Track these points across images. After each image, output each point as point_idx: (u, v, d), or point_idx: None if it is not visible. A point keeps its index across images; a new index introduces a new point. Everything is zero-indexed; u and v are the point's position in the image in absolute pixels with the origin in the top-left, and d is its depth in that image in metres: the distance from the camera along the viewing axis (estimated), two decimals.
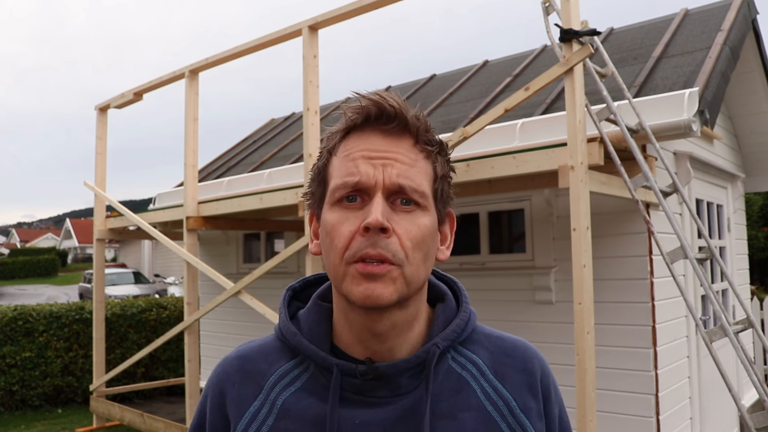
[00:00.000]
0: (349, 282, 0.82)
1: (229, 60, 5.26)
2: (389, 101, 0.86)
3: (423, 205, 0.85)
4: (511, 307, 4.51)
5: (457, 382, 0.89)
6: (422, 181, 0.85)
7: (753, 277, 11.86)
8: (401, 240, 0.82)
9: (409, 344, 0.89)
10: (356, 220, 0.82)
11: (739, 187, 6.14)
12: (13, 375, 7.77)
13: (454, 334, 0.90)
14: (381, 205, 0.81)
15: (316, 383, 0.89)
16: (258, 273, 4.83)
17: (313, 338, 0.90)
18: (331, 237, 0.84)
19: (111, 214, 6.92)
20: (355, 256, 0.81)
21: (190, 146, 5.56)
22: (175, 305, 9.06)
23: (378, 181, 0.82)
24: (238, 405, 0.90)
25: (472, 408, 0.87)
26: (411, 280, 0.83)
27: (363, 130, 0.86)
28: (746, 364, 3.11)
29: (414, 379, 0.88)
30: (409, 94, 7.07)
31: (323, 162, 0.89)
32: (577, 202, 3.10)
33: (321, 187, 0.89)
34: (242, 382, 0.92)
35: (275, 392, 0.89)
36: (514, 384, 0.91)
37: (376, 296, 0.80)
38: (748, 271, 6.49)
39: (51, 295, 27.07)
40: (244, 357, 0.94)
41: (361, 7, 4.19)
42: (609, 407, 3.98)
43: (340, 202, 0.84)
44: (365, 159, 0.83)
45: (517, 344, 0.96)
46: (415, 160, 0.85)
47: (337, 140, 0.88)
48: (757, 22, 5.35)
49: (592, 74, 3.48)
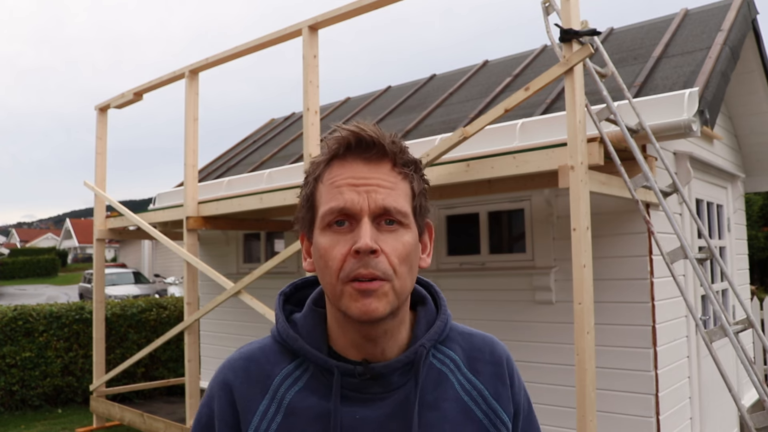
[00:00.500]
0: (346, 300, 0.91)
1: (229, 60, 5.26)
2: (367, 132, 0.93)
3: (405, 224, 0.94)
4: (511, 307, 4.51)
5: (438, 377, 1.01)
6: (403, 202, 0.94)
7: (753, 277, 11.86)
8: (389, 258, 0.91)
9: (398, 345, 0.99)
10: (347, 243, 0.91)
11: (739, 187, 6.13)
12: (13, 375, 7.77)
13: (437, 335, 1.02)
14: (369, 230, 0.90)
15: (317, 383, 0.98)
16: (258, 273, 4.83)
17: (313, 342, 0.99)
18: (324, 259, 0.93)
19: (111, 214, 6.93)
20: (349, 276, 0.90)
21: (190, 146, 5.56)
22: (175, 305, 9.06)
23: (363, 207, 0.91)
24: (248, 403, 0.98)
25: (451, 399, 1.00)
26: (400, 292, 0.93)
27: (345, 159, 0.95)
28: (746, 364, 3.11)
29: (403, 376, 0.99)
30: (409, 94, 7.07)
31: (310, 189, 0.98)
32: (577, 202, 3.10)
33: (310, 212, 0.98)
34: (249, 382, 0.99)
35: (281, 392, 0.98)
36: (486, 375, 1.04)
37: (372, 311, 0.90)
38: (748, 271, 6.49)
39: (51, 295, 27.07)
40: (248, 358, 1.02)
41: (361, 7, 4.19)
42: (609, 407, 3.98)
43: (330, 227, 0.93)
44: (350, 186, 0.93)
45: (485, 340, 1.09)
46: (395, 183, 0.94)
47: (322, 168, 0.97)
48: (757, 22, 5.35)
49: (592, 74, 3.48)
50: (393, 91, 7.77)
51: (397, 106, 6.83)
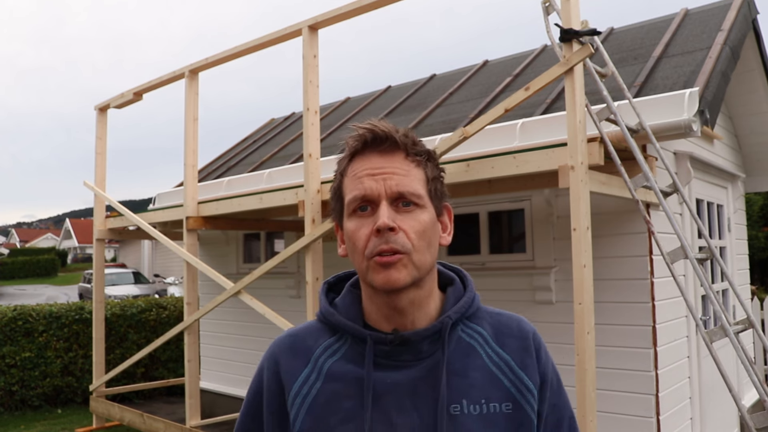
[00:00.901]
0: (371, 273, 1.04)
1: (228, 60, 5.26)
2: (380, 127, 1.07)
3: (420, 204, 1.06)
4: (511, 307, 4.49)
5: (467, 348, 1.11)
6: (416, 185, 1.06)
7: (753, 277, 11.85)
8: (407, 234, 1.03)
9: (427, 318, 1.10)
10: (369, 224, 1.04)
11: (740, 187, 6.13)
12: (12, 375, 7.77)
13: (463, 309, 1.12)
14: (386, 210, 1.03)
15: (353, 352, 1.10)
16: (258, 273, 4.82)
17: (349, 317, 1.12)
18: (352, 241, 1.06)
19: (111, 214, 6.92)
20: (373, 252, 1.03)
21: (190, 146, 5.55)
22: (175, 305, 9.06)
23: (381, 192, 1.04)
24: (291, 372, 1.11)
25: (480, 368, 1.09)
26: (419, 265, 1.04)
27: (363, 153, 1.08)
28: (746, 365, 3.10)
29: (432, 345, 1.09)
30: (409, 94, 7.06)
31: (337, 183, 1.12)
32: (577, 202, 3.10)
33: (339, 202, 1.12)
34: (293, 355, 1.13)
35: (321, 361, 1.11)
36: (512, 348, 1.13)
37: (394, 280, 1.02)
38: (749, 271, 6.49)
39: (51, 295, 27.07)
40: (294, 335, 1.17)
41: (361, 6, 4.19)
42: (609, 407, 3.98)
43: (355, 213, 1.07)
44: (369, 176, 1.06)
45: (512, 317, 1.19)
46: (408, 170, 1.07)
47: (345, 164, 1.11)
48: (757, 22, 5.34)
49: (593, 74, 3.48)
50: (393, 91, 7.77)
51: (397, 105, 6.83)
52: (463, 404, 1.06)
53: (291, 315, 5.91)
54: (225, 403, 6.99)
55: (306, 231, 4.36)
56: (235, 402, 6.86)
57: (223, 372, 7.21)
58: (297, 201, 4.56)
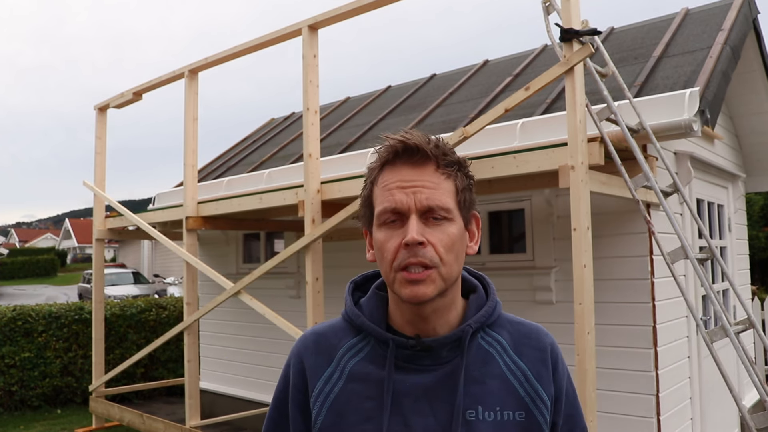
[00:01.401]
0: (398, 285, 1.07)
1: (228, 60, 5.25)
2: (412, 140, 1.07)
3: (449, 218, 1.08)
4: (511, 308, 4.48)
5: (486, 356, 1.13)
6: (446, 199, 1.07)
7: (754, 277, 11.85)
8: (436, 248, 1.05)
9: (448, 325, 1.13)
10: (399, 237, 1.06)
11: (740, 187, 6.13)
12: (12, 375, 7.76)
13: (483, 318, 1.15)
14: (416, 225, 1.05)
15: (375, 354, 1.13)
16: (258, 273, 4.82)
17: (373, 319, 1.15)
18: (381, 252, 1.09)
19: (110, 214, 6.92)
20: (401, 265, 1.05)
21: (190, 146, 5.55)
22: (175, 305, 9.05)
23: (411, 206, 1.06)
24: (315, 370, 1.15)
25: (497, 376, 1.12)
26: (447, 277, 1.07)
27: (395, 164, 1.09)
28: (747, 365, 3.10)
29: (452, 352, 1.12)
30: (409, 94, 7.06)
31: (368, 191, 1.14)
32: (577, 202, 3.09)
33: (369, 210, 1.14)
34: (318, 352, 1.17)
35: (344, 361, 1.14)
36: (530, 358, 1.15)
37: (420, 295, 1.05)
38: (749, 271, 6.49)
39: (50, 296, 27.06)
40: (319, 333, 1.20)
41: (360, 6, 4.18)
42: (609, 408, 3.97)
43: (385, 224, 1.09)
44: (399, 189, 1.07)
45: (532, 328, 1.20)
46: (438, 183, 1.08)
47: (376, 173, 1.12)
48: (758, 22, 5.34)
49: (593, 74, 3.47)
50: (393, 91, 7.76)
51: (397, 105, 6.82)
52: (479, 410, 1.09)
53: (291, 315, 5.91)
54: (225, 404, 6.98)
55: (306, 231, 4.35)
56: (234, 402, 6.85)
57: (222, 372, 7.20)
58: (297, 201, 4.55)
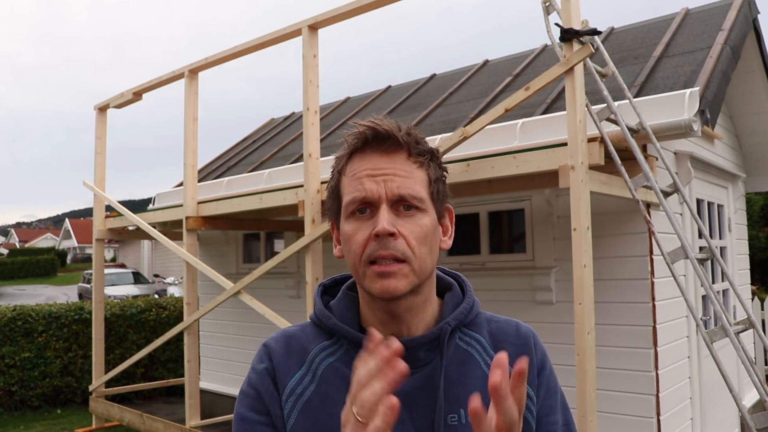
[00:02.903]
0: (368, 280, 1.00)
1: (228, 60, 5.25)
2: (382, 126, 1.01)
3: (422, 208, 1.01)
4: (511, 308, 4.50)
5: (464, 356, 1.07)
6: (419, 188, 1.01)
7: (754, 277, 11.84)
8: (407, 239, 0.99)
9: (424, 324, 1.07)
10: (368, 228, 1.00)
11: (740, 187, 6.13)
12: (12, 375, 7.76)
13: (462, 315, 1.09)
14: (386, 214, 0.98)
15: (348, 357, 1.06)
16: (258, 273, 4.82)
17: (345, 321, 1.08)
18: (349, 244, 1.02)
19: (110, 214, 6.91)
20: (370, 257, 0.98)
21: (190, 146, 5.55)
22: (175, 305, 9.05)
23: (381, 195, 0.99)
24: (286, 372, 1.07)
25: (477, 376, 1.06)
26: (420, 272, 1.00)
27: (364, 152, 1.02)
28: (747, 365, 3.10)
29: (429, 353, 1.05)
30: (409, 94, 7.06)
31: (335, 181, 1.07)
32: (577, 202, 3.09)
33: (336, 202, 1.07)
34: (289, 354, 1.09)
35: (316, 363, 1.07)
36: (511, 355, 1.07)
37: (392, 289, 0.98)
38: (749, 271, 6.48)
39: (50, 296, 27.06)
40: (289, 335, 1.12)
41: (360, 6, 4.18)
42: (609, 408, 3.97)
43: (354, 215, 1.02)
44: (369, 177, 1.00)
45: (510, 323, 1.15)
46: (410, 171, 1.01)
47: (344, 162, 1.05)
48: (758, 22, 5.34)
49: (593, 74, 3.47)
50: (393, 91, 7.76)
51: (397, 105, 6.82)
52: (461, 414, 1.03)
53: (291, 315, 5.91)
54: (224, 404, 6.98)
55: (306, 231, 4.35)
56: (234, 402, 6.85)
57: (222, 372, 7.20)
58: (297, 201, 4.55)
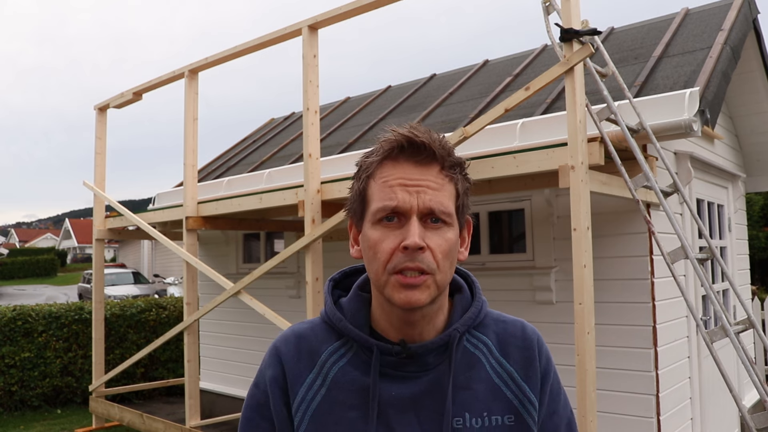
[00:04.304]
0: (390, 289, 1.01)
1: (228, 60, 5.25)
2: (419, 136, 1.01)
3: (449, 222, 1.03)
4: (511, 308, 4.50)
5: (471, 359, 1.09)
6: (448, 202, 1.02)
7: (754, 277, 11.85)
8: (434, 253, 1.00)
9: (434, 329, 1.08)
10: (395, 238, 1.00)
11: (740, 187, 6.13)
12: (12, 375, 7.76)
13: (471, 320, 1.11)
14: (417, 228, 0.99)
15: (358, 360, 1.08)
16: (258, 273, 4.82)
17: (356, 323, 1.09)
18: (374, 251, 1.02)
19: (110, 214, 6.91)
20: (396, 268, 0.99)
21: (190, 146, 5.55)
22: (175, 305, 9.05)
23: (413, 206, 1.00)
24: (296, 376, 1.09)
25: (483, 380, 1.08)
26: (441, 284, 1.03)
27: (397, 160, 1.03)
28: (747, 365, 3.09)
29: (438, 357, 1.07)
30: (409, 94, 7.06)
31: (363, 185, 1.06)
32: (577, 202, 3.09)
33: (362, 205, 1.06)
34: (299, 356, 1.10)
35: (326, 367, 1.08)
36: (516, 359, 1.11)
37: (414, 301, 1.00)
38: (749, 271, 6.48)
39: (50, 296, 27.06)
40: (300, 335, 1.13)
41: (361, 6, 4.18)
42: (609, 408, 3.97)
43: (381, 222, 1.02)
44: (401, 186, 1.00)
45: (516, 324, 1.16)
46: (442, 185, 1.02)
47: (375, 167, 1.04)
48: (758, 22, 5.34)
49: (593, 74, 3.47)
50: (393, 91, 7.76)
51: (397, 105, 6.82)
52: (466, 417, 1.05)
53: (291, 315, 5.91)
54: (225, 404, 6.98)
55: (306, 231, 4.35)
56: (235, 402, 6.85)
57: (222, 372, 7.20)
58: (297, 201, 4.55)
